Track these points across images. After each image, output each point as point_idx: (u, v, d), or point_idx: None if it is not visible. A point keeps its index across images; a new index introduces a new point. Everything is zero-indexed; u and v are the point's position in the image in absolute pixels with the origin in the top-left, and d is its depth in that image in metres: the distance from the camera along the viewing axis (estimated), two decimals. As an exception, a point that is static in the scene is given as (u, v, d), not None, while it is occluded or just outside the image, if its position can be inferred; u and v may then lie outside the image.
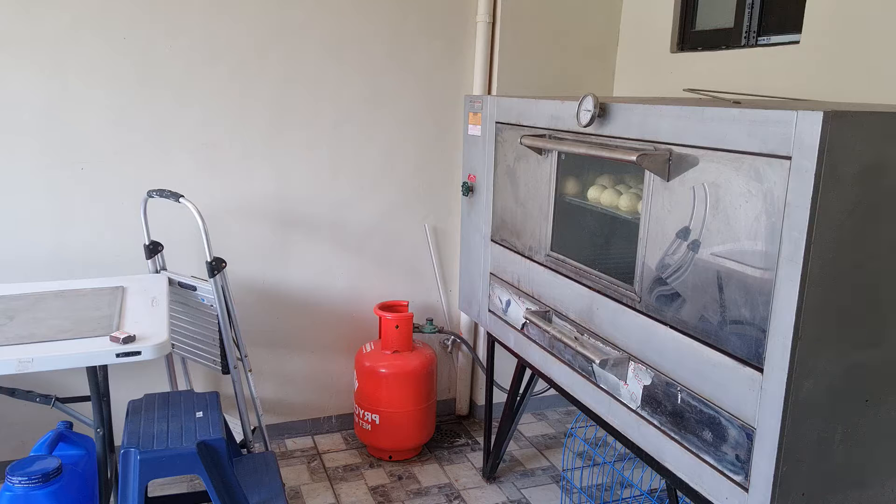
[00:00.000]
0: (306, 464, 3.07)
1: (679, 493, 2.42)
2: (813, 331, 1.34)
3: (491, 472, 2.98)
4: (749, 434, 1.45)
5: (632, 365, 1.81)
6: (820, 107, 1.37)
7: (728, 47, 2.65)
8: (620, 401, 1.87)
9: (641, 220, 1.75)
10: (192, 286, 2.53)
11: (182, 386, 2.94)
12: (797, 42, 2.33)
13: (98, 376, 2.08)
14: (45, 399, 2.12)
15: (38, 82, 2.59)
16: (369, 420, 3.04)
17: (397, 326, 3.01)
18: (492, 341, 2.89)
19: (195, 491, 2.64)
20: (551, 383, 2.25)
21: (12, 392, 2.14)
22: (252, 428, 2.70)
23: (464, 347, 3.42)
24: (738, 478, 1.49)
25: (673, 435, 1.68)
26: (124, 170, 2.77)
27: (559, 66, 3.19)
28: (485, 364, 3.20)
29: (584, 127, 1.91)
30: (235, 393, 2.57)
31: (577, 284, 2.05)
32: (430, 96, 3.13)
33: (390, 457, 3.11)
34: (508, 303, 2.48)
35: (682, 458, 1.66)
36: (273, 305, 3.11)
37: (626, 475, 3.02)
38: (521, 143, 2.18)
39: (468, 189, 2.73)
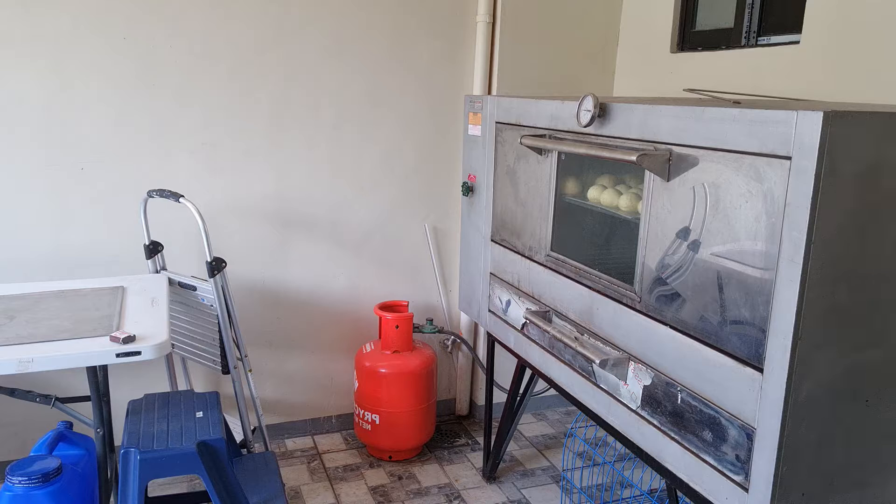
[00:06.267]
0: (306, 464, 3.07)
1: (679, 493, 2.42)
2: (813, 331, 1.34)
3: (491, 472, 2.98)
4: (749, 434, 1.45)
5: (632, 365, 1.81)
6: (820, 107, 1.37)
7: (728, 47, 2.65)
8: (620, 401, 1.87)
9: (641, 220, 1.75)
10: (192, 286, 2.53)
11: (182, 386, 2.94)
12: (797, 42, 2.32)
13: (98, 376, 2.08)
14: (45, 399, 2.12)
15: (39, 82, 2.59)
16: (369, 420, 3.04)
17: (397, 326, 3.01)
18: (492, 341, 2.89)
19: (195, 491, 2.64)
20: (551, 383, 2.25)
21: (12, 392, 2.14)
22: (252, 428, 2.70)
23: (464, 347, 3.42)
24: (738, 478, 1.49)
25: (673, 435, 1.68)
26: (124, 170, 2.77)
27: (559, 66, 3.19)
28: (485, 364, 3.20)
29: (584, 127, 1.91)
30: (235, 393, 2.58)
31: (577, 284, 2.04)
32: (430, 96, 3.13)
33: (390, 457, 3.11)
34: (508, 303, 2.48)
35: (682, 458, 1.66)
36: (273, 305, 3.11)
37: (626, 475, 3.01)
38: (521, 143, 2.18)
39: (468, 189, 2.73)
